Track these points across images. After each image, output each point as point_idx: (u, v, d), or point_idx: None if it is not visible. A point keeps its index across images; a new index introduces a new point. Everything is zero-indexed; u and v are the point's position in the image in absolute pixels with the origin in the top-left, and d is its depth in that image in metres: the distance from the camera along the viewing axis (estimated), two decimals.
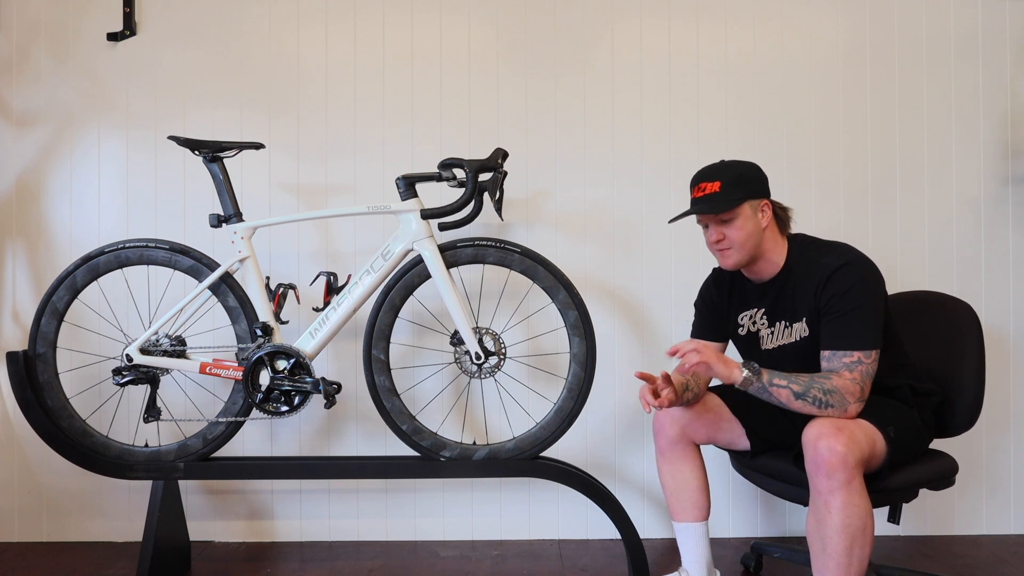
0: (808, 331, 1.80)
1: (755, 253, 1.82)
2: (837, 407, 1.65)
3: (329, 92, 2.56)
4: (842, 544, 1.57)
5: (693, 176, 1.87)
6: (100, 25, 2.54)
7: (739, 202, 1.77)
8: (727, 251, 1.82)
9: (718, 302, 2.00)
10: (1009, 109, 2.57)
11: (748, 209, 1.79)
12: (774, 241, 1.84)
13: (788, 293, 1.83)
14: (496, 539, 2.58)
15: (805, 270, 1.80)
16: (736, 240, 1.79)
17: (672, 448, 1.94)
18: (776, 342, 1.87)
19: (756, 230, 1.80)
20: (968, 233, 2.57)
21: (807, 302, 1.78)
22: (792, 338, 1.83)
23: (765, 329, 1.89)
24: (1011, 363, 2.57)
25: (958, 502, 2.57)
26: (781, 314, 1.85)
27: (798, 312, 1.81)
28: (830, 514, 1.57)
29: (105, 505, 2.55)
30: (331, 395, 2.06)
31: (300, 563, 2.37)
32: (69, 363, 2.46)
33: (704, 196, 1.80)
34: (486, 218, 2.39)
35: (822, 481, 1.58)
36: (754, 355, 1.93)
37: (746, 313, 1.94)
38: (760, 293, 1.90)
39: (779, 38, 2.58)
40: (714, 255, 1.88)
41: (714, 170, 1.83)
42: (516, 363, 2.48)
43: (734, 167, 1.83)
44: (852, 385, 1.67)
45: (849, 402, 1.66)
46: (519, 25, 2.57)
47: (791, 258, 1.84)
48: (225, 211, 2.13)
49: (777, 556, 2.24)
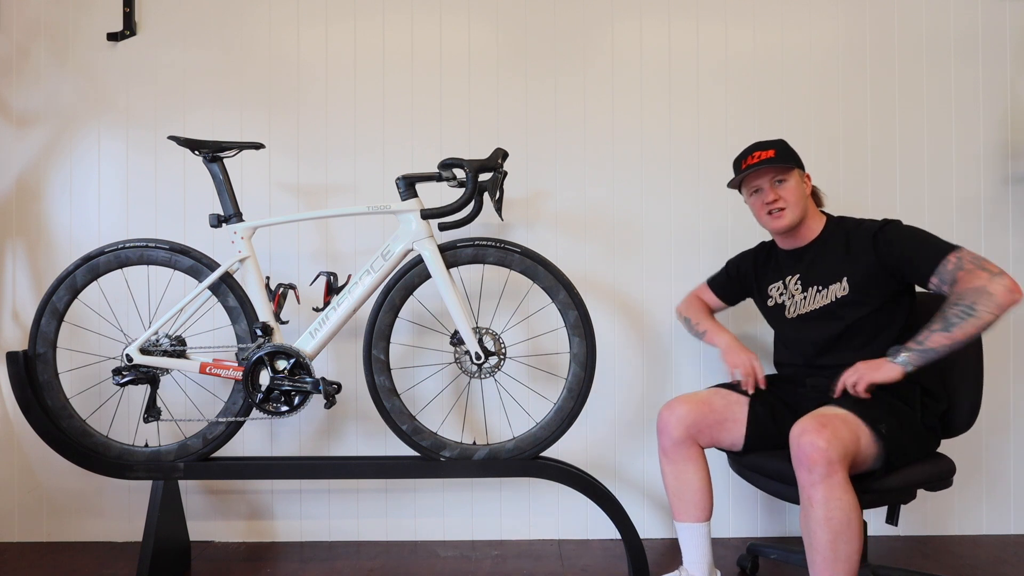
0: (847, 290, 1.88)
1: (802, 216, 1.96)
2: (981, 298, 1.63)
3: (329, 92, 2.56)
4: (825, 537, 1.59)
5: (741, 152, 2.03)
6: (100, 25, 2.54)
7: (793, 165, 1.95)
8: (782, 211, 1.94)
9: (748, 273, 2.15)
10: (1009, 109, 2.57)
11: (797, 175, 1.97)
12: (813, 212, 2.01)
13: (824, 259, 1.95)
14: (496, 539, 2.58)
15: (845, 236, 1.93)
16: (790, 200, 1.93)
17: (676, 449, 1.94)
18: (799, 310, 1.97)
19: (803, 195, 1.97)
20: (968, 233, 2.57)
21: (850, 263, 1.89)
22: (825, 300, 1.92)
23: (799, 294, 1.98)
24: (1011, 363, 2.57)
25: (958, 502, 2.57)
26: (815, 279, 1.95)
27: (836, 273, 1.91)
28: (812, 507, 1.60)
29: (105, 505, 2.56)
30: (331, 395, 2.06)
31: (300, 563, 2.37)
32: (69, 363, 2.46)
33: (763, 160, 1.95)
34: (486, 218, 2.39)
35: (804, 475, 1.61)
36: (778, 325, 2.07)
37: (776, 284, 2.06)
38: (795, 260, 2.02)
39: (779, 38, 2.58)
40: (763, 222, 2.00)
41: (765, 143, 2.00)
42: (516, 363, 2.48)
43: (781, 142, 2.01)
44: (972, 275, 1.68)
45: (984, 286, 1.64)
46: (519, 25, 2.57)
47: (827, 229, 1.99)
48: (225, 211, 2.12)
49: (774, 557, 2.23)
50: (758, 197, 1.99)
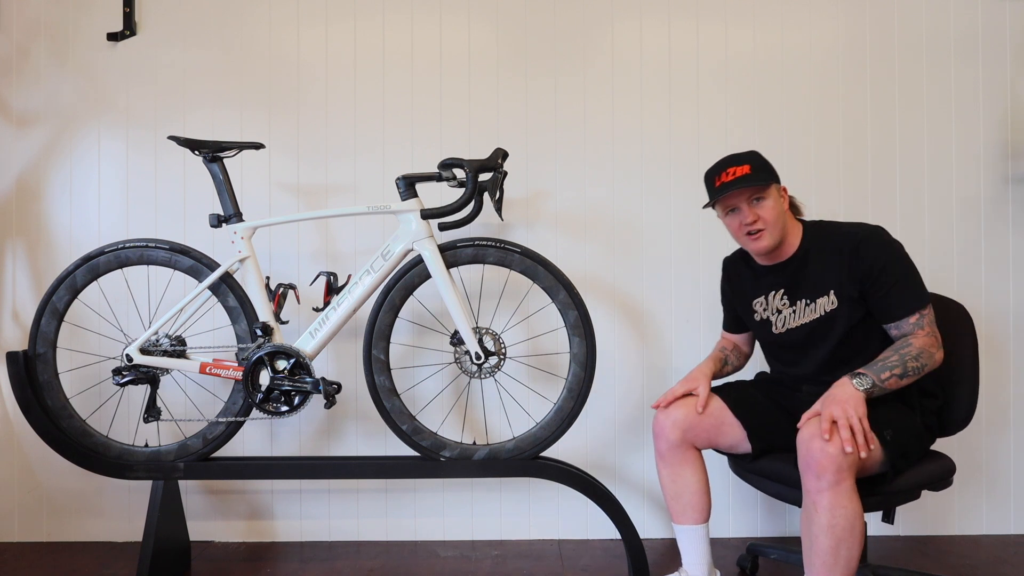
0: (836, 303, 1.83)
1: (782, 235, 1.88)
2: (929, 364, 1.74)
3: (329, 92, 2.56)
4: (828, 543, 1.58)
5: (713, 167, 1.90)
6: (100, 25, 2.54)
7: (769, 182, 1.85)
8: (760, 233, 1.85)
9: (732, 296, 2.09)
10: (1009, 109, 2.57)
11: (775, 191, 1.87)
12: (792, 225, 1.92)
13: (808, 271, 1.89)
14: (496, 539, 2.58)
15: (824, 244, 1.87)
16: (769, 220, 1.84)
17: (672, 452, 1.93)
18: (788, 324, 1.92)
19: (782, 212, 1.88)
20: (968, 233, 2.57)
21: (833, 274, 1.84)
22: (816, 314, 1.87)
23: (787, 309, 1.92)
24: (1011, 363, 2.57)
25: (958, 502, 2.57)
26: (802, 292, 1.89)
27: (822, 286, 1.85)
28: (817, 513, 1.58)
29: (105, 505, 2.56)
30: (331, 395, 2.06)
31: (300, 563, 2.37)
32: (69, 363, 2.46)
33: (738, 177, 1.83)
34: (486, 218, 2.39)
35: (811, 481, 1.59)
36: (766, 341, 2.02)
37: (759, 299, 1.99)
38: (775, 275, 1.94)
39: (779, 38, 2.58)
40: (741, 242, 1.92)
41: (738, 157, 1.89)
42: (516, 363, 2.48)
43: (754, 155, 1.90)
44: (929, 339, 1.75)
45: (933, 353, 1.75)
46: (519, 25, 2.57)
47: (807, 238, 1.91)
48: (225, 211, 2.12)
49: (774, 557, 2.23)
50: (735, 217, 1.88)
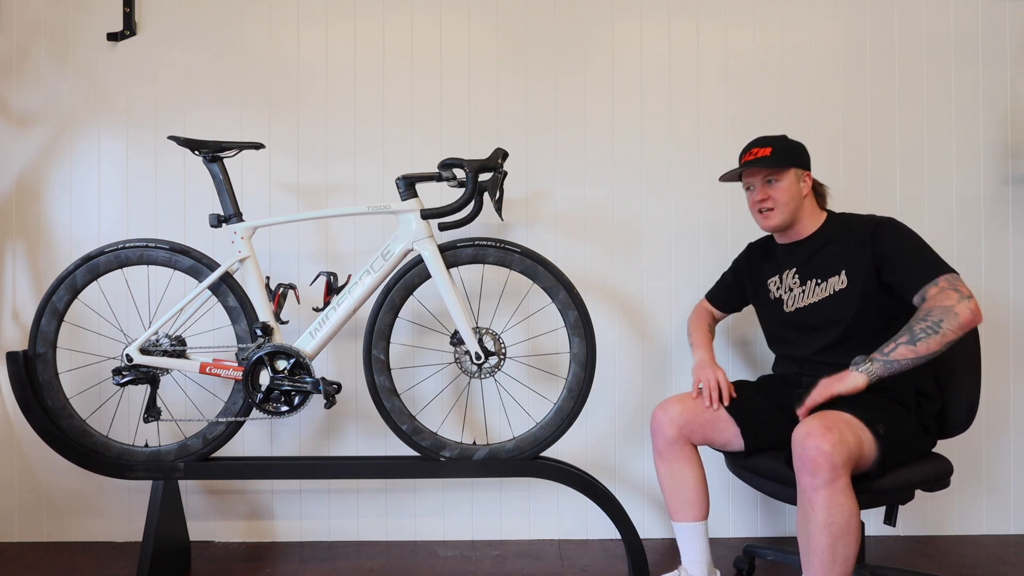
0: (846, 283, 1.88)
1: (794, 218, 1.97)
2: (947, 317, 1.66)
3: (329, 92, 2.56)
4: (825, 541, 1.58)
5: (746, 145, 2.02)
6: (100, 25, 2.54)
7: (787, 166, 1.93)
8: (770, 212, 1.96)
9: (746, 273, 2.15)
10: (1009, 109, 2.57)
11: (793, 175, 1.94)
12: (812, 210, 1.99)
13: (823, 253, 1.95)
14: (496, 539, 2.58)
15: (842, 230, 1.94)
16: (779, 201, 1.94)
17: (670, 449, 1.94)
18: (798, 304, 1.97)
19: (797, 195, 1.95)
20: (968, 233, 2.57)
21: (849, 254, 1.89)
22: (825, 293, 1.91)
23: (797, 288, 1.98)
24: (1011, 363, 2.57)
25: (957, 502, 2.58)
26: (813, 272, 1.95)
27: (835, 267, 1.91)
28: (813, 511, 1.59)
29: (105, 505, 2.56)
30: (331, 395, 2.06)
31: (300, 563, 2.37)
32: (69, 363, 2.46)
33: (757, 158, 1.95)
34: (486, 218, 2.39)
35: (806, 479, 1.59)
36: (776, 319, 2.06)
37: (774, 278, 2.05)
38: (791, 254, 2.02)
39: (779, 38, 2.58)
40: (755, 218, 2.02)
41: (767, 139, 1.99)
42: (516, 363, 2.48)
43: (785, 139, 1.99)
44: (943, 294, 1.70)
45: (951, 307, 1.67)
46: (519, 25, 2.57)
47: (828, 226, 1.98)
48: (225, 211, 2.12)
49: (770, 559, 2.22)
50: (750, 194, 2.03)
